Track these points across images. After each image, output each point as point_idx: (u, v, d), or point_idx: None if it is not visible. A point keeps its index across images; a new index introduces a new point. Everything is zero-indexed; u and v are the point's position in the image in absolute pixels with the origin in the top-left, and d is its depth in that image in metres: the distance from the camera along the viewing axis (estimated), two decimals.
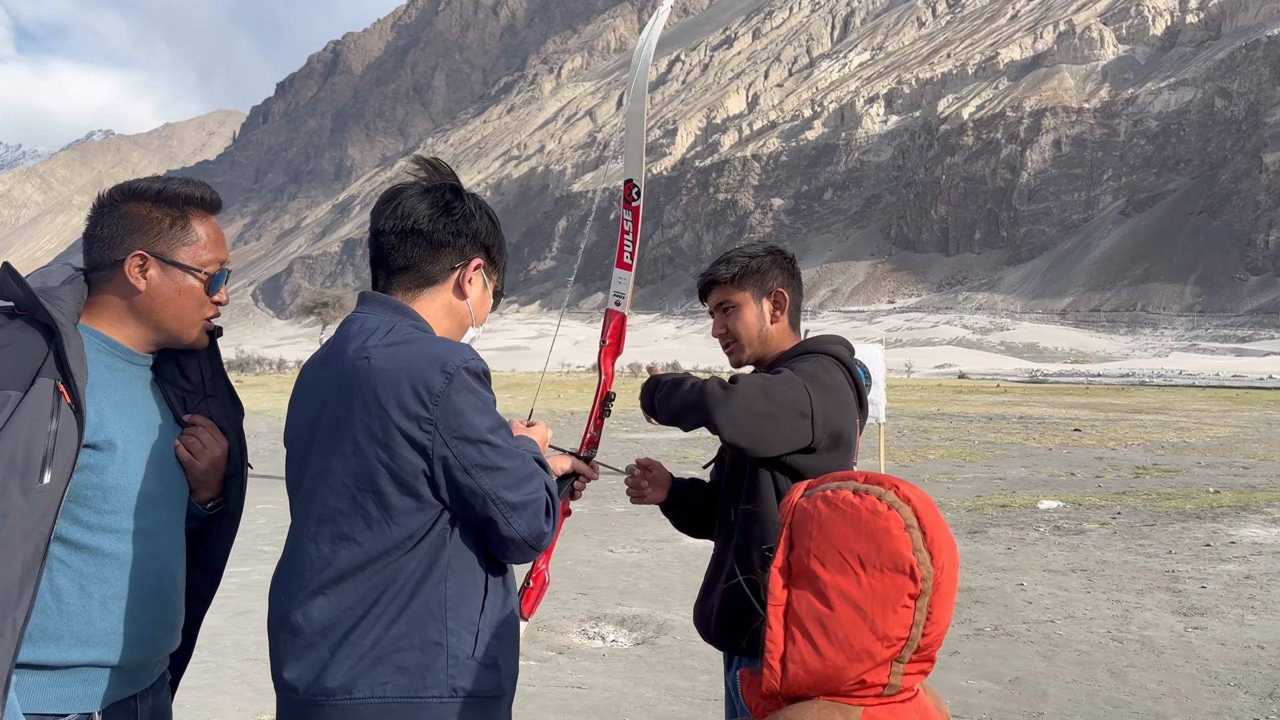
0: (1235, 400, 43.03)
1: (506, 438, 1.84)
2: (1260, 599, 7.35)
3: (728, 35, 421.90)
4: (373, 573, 1.77)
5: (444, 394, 1.76)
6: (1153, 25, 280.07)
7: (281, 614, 1.84)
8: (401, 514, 1.77)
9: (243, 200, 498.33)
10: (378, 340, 1.82)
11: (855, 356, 2.42)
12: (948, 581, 1.30)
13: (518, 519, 1.83)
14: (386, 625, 1.77)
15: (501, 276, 2.12)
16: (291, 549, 1.87)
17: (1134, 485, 13.96)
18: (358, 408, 1.77)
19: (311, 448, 1.85)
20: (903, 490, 1.31)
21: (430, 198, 1.99)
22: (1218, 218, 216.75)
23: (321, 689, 1.77)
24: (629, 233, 2.56)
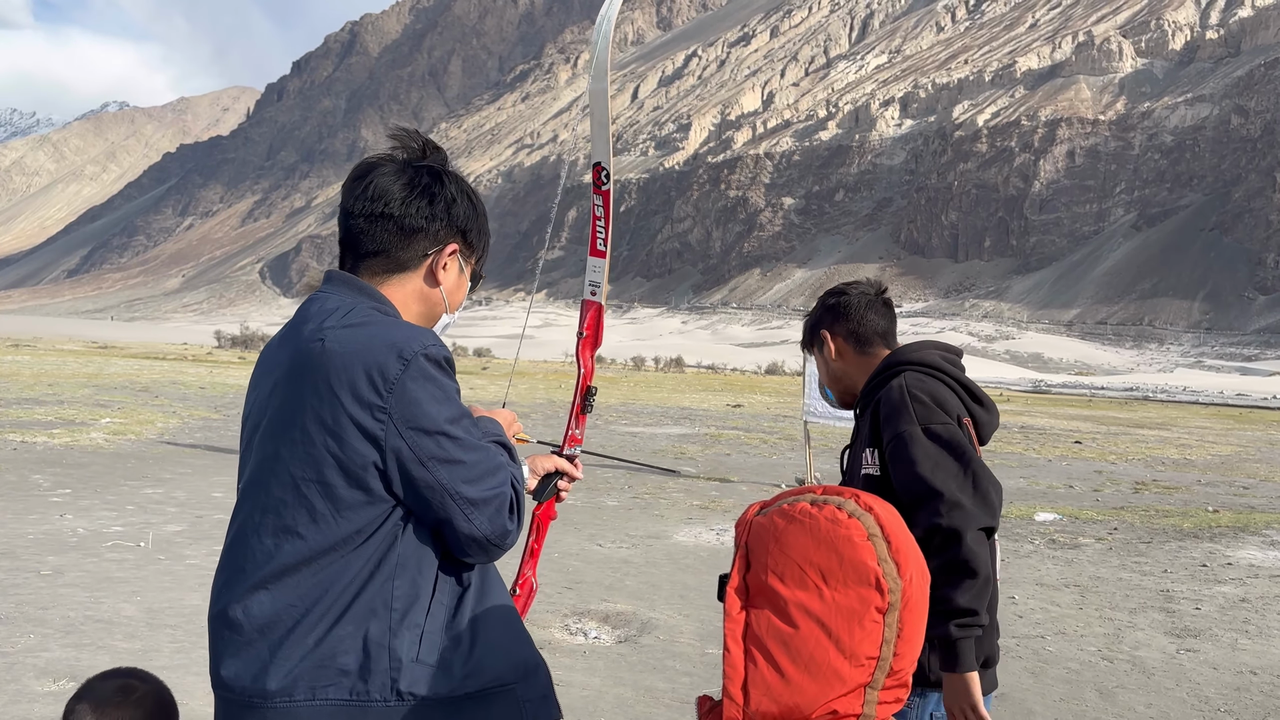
0: (1239, 419, 42.84)
1: (468, 429, 1.77)
2: (1255, 623, 7.24)
3: (746, 32, 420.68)
4: (316, 569, 1.70)
5: (400, 381, 1.68)
6: (1172, 40, 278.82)
7: (220, 608, 1.77)
8: (349, 508, 1.70)
9: (254, 177, 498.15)
10: (335, 321, 1.74)
11: None
12: (918, 595, 1.23)
13: (478, 515, 1.75)
14: (329, 625, 1.69)
15: (481, 259, 2.03)
16: (234, 540, 1.79)
17: (1132, 501, 13.84)
18: (308, 392, 1.70)
19: (259, 434, 1.78)
20: (864, 499, 1.25)
21: (405, 178, 1.89)
22: (1229, 235, 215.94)
23: (260, 690, 1.69)
24: (600, 219, 2.45)
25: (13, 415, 17.57)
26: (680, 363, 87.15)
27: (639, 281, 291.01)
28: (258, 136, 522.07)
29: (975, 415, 2.46)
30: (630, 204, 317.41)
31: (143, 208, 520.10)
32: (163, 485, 11.37)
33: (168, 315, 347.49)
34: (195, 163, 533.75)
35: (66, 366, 34.59)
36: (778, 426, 24.96)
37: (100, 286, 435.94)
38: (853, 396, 2.65)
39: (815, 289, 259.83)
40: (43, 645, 5.49)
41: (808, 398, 14.15)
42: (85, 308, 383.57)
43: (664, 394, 38.85)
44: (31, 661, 5.22)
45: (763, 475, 15.22)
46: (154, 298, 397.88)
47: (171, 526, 9.04)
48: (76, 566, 7.37)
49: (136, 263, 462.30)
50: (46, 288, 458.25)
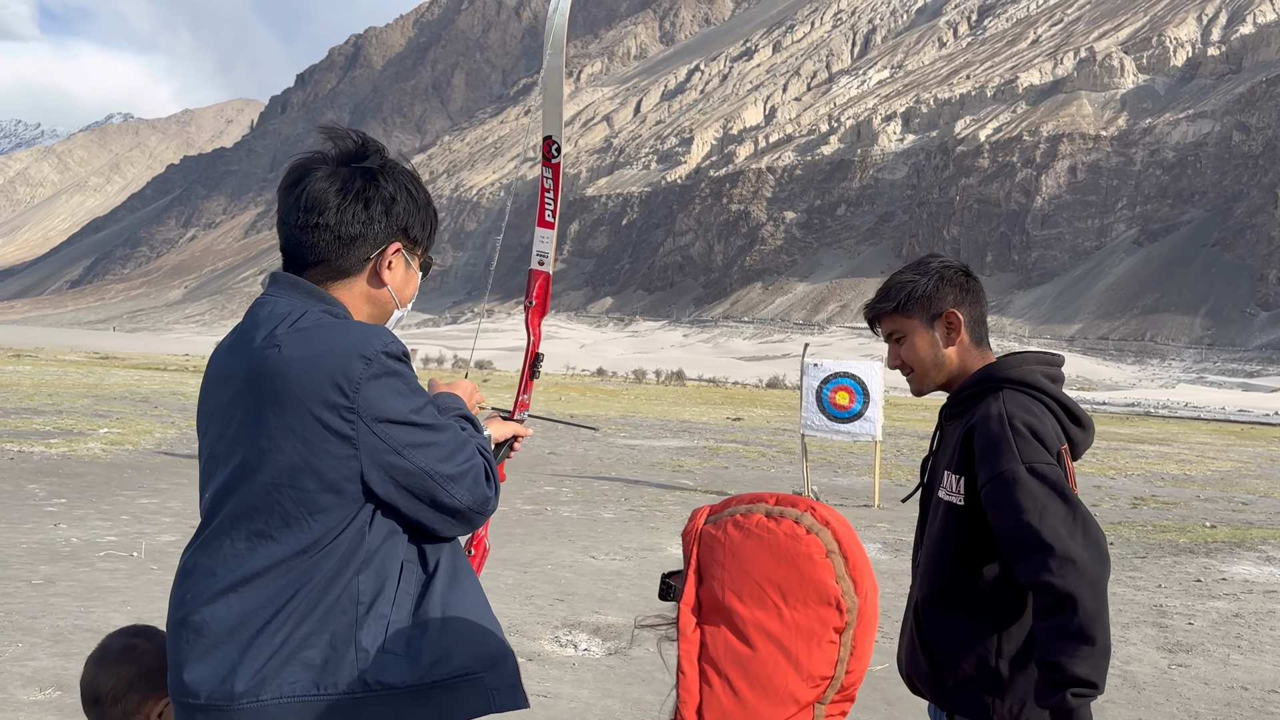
0: (1240, 435, 42.76)
1: (432, 414, 1.80)
2: (1247, 638, 7.22)
3: (748, 47, 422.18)
4: (287, 569, 1.71)
5: (364, 381, 1.70)
6: (1174, 56, 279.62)
7: (184, 614, 1.76)
8: (321, 510, 1.71)
9: (257, 189, 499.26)
10: (287, 327, 1.73)
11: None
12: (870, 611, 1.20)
13: (458, 489, 1.79)
14: (297, 623, 1.70)
15: (427, 247, 2.01)
16: (201, 547, 1.78)
17: (1130, 516, 13.81)
18: (270, 401, 1.70)
19: (222, 442, 1.77)
20: (820, 512, 1.21)
21: (338, 183, 1.86)
22: (1231, 251, 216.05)
23: (228, 692, 1.68)
24: (549, 190, 2.48)
25: (11, 425, 17.59)
26: (681, 376, 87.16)
27: (640, 295, 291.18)
28: (261, 148, 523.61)
29: (1072, 437, 2.30)
30: (632, 217, 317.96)
31: (146, 219, 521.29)
32: (158, 495, 11.37)
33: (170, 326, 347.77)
34: (199, 174, 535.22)
35: (67, 377, 34.64)
36: (777, 440, 24.94)
37: (103, 297, 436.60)
38: (937, 387, 2.44)
39: (817, 303, 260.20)
40: (30, 654, 5.49)
41: (805, 411, 14.15)
42: (88, 318, 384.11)
43: (664, 407, 38.84)
44: (19, 670, 5.22)
45: (760, 488, 15.17)
46: (156, 309, 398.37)
47: (165, 536, 9.04)
48: (68, 576, 7.37)
49: (139, 274, 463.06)
50: (49, 298, 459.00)
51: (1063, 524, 2.06)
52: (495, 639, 1.86)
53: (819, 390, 14.07)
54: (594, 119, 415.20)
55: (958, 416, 2.33)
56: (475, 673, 1.79)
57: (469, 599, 1.84)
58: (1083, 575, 2.02)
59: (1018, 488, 2.10)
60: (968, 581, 2.21)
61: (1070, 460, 2.26)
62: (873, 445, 14.55)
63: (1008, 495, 2.11)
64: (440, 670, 1.75)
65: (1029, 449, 2.14)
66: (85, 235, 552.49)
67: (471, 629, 1.82)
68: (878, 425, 14.05)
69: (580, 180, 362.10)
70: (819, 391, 14.07)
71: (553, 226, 2.52)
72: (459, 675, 1.77)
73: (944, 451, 2.35)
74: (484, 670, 1.80)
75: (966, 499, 2.21)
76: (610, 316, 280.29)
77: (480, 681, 1.80)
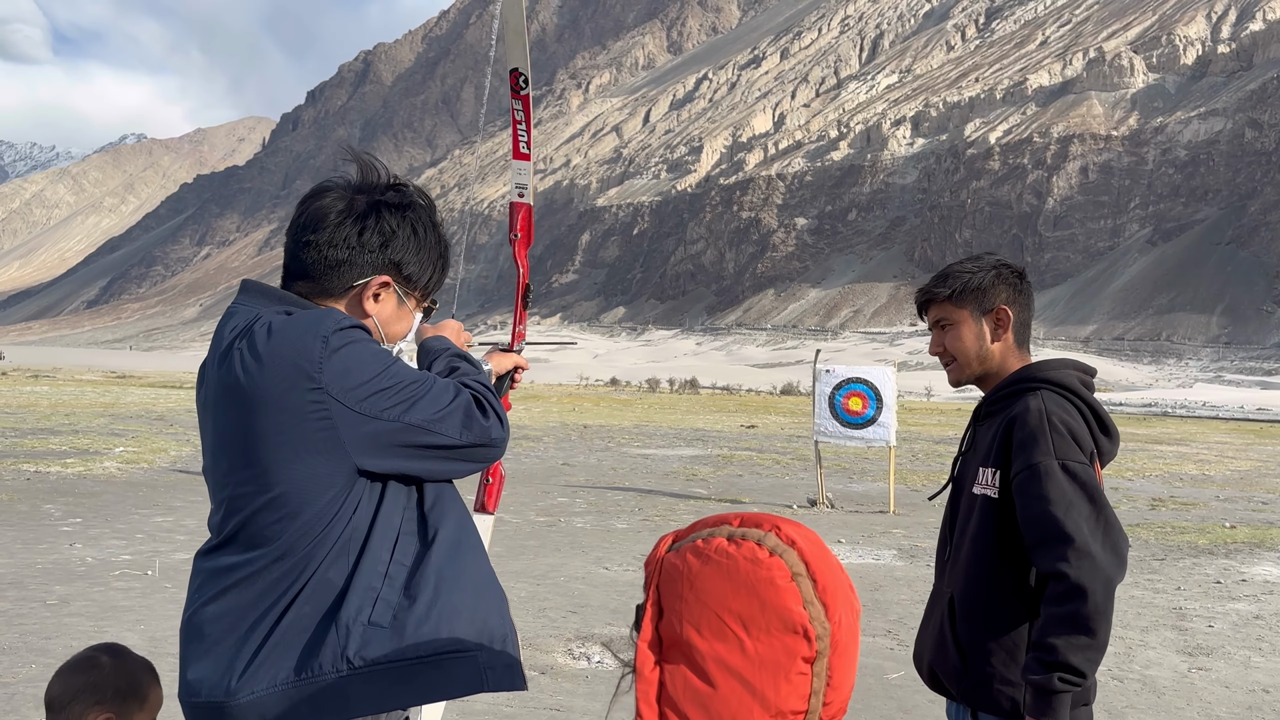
0: (1259, 434, 42.40)
1: (402, 370, 1.80)
2: (1269, 640, 7.13)
3: (756, 55, 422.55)
4: (281, 563, 1.73)
5: (325, 358, 1.71)
6: (1184, 54, 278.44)
7: (188, 616, 1.79)
8: (313, 498, 1.72)
9: (270, 206, 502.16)
10: (243, 337, 1.77)
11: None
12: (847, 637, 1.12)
13: (448, 427, 1.79)
14: (286, 610, 1.72)
15: (428, 293, 2.01)
16: (209, 553, 1.82)
17: (1149, 517, 13.69)
18: (244, 407, 1.73)
19: (219, 456, 1.80)
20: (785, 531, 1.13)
21: (341, 206, 1.90)
22: (1245, 249, 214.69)
23: (225, 688, 1.70)
24: (521, 123, 2.50)
25: (28, 445, 17.69)
26: (695, 384, 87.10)
27: (653, 304, 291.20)
28: (273, 166, 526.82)
29: (1100, 445, 2.33)
30: (643, 226, 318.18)
31: (160, 238, 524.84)
32: (173, 513, 11.41)
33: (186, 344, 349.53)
34: (212, 193, 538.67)
35: (84, 396, 34.85)
36: (791, 447, 24.86)
37: (119, 317, 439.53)
38: (977, 381, 2.47)
39: (829, 309, 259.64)
40: (44, 675, 5.48)
41: (818, 417, 14.10)
42: (104, 338, 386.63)
43: (678, 416, 38.78)
44: (32, 692, 5.22)
45: (774, 496, 15.14)
46: (172, 327, 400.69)
47: (180, 555, 9.05)
48: (83, 596, 7.39)
49: (155, 293, 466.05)
50: (66, 318, 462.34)
51: (1086, 521, 2.11)
52: (495, 614, 1.82)
53: (832, 396, 14.02)
54: (603, 130, 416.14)
55: (994, 415, 2.36)
56: (468, 649, 1.76)
57: (469, 573, 1.81)
58: (1097, 571, 2.06)
59: (1049, 480, 2.15)
60: (1002, 577, 2.24)
61: (1099, 466, 2.31)
62: (887, 451, 14.48)
63: (1038, 486, 2.16)
64: (428, 646, 1.72)
65: (1065, 445, 2.19)
66: (101, 255, 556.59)
67: (467, 603, 1.78)
68: (891, 430, 13.98)
69: (591, 191, 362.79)
70: (832, 398, 14.01)
71: (528, 159, 2.54)
72: (449, 651, 1.74)
73: (978, 449, 2.38)
74: (478, 647, 1.76)
75: (1001, 491, 2.24)
76: (623, 326, 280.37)
77: (473, 659, 1.76)
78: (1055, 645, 2.05)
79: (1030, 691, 2.10)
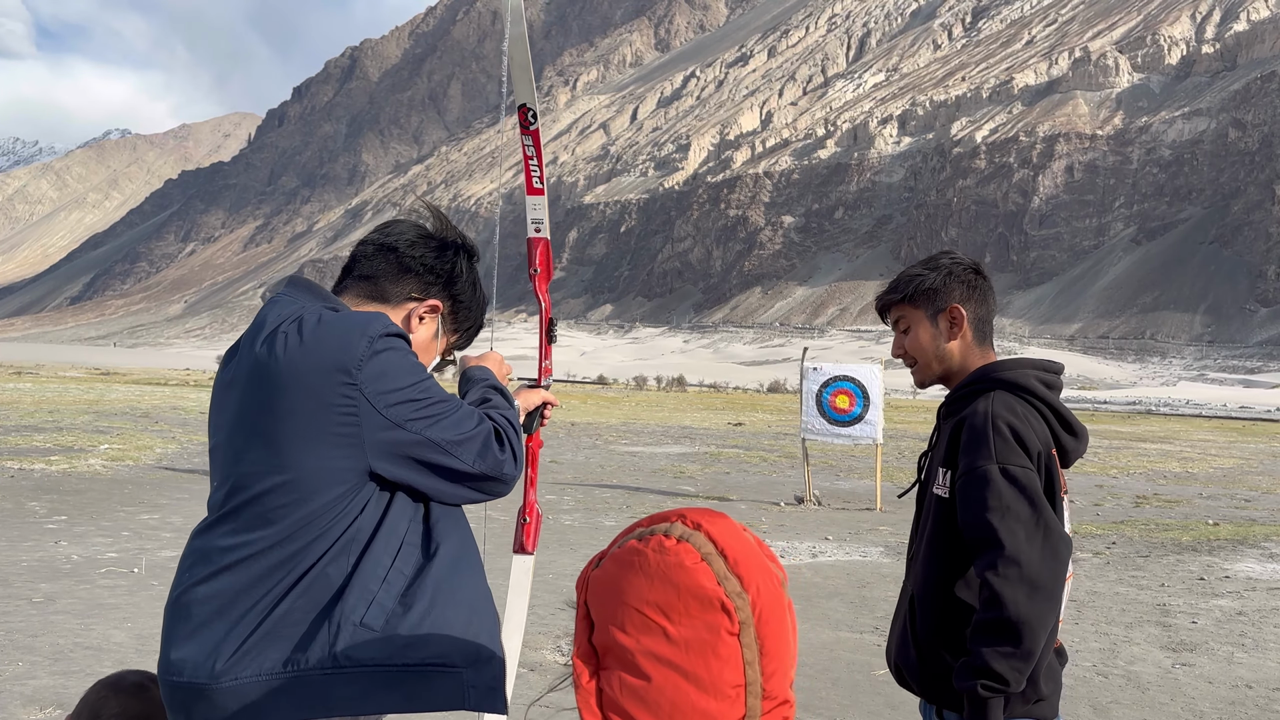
0: (1242, 431, 42.73)
1: (433, 387, 1.83)
2: (1251, 636, 7.20)
3: (743, 53, 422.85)
4: (280, 550, 1.73)
5: (367, 358, 1.74)
6: (1168, 54, 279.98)
7: (177, 594, 1.80)
8: (320, 492, 1.74)
9: (255, 203, 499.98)
10: (290, 323, 1.80)
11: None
12: (771, 604, 1.12)
13: (465, 453, 1.81)
14: (279, 600, 1.72)
15: (460, 337, 2.10)
16: (203, 532, 1.83)
17: (1133, 515, 13.79)
18: (275, 392, 1.76)
19: (230, 435, 1.82)
20: (691, 518, 1.15)
21: (424, 233, 2.01)
22: (1229, 248, 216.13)
23: (208, 670, 1.70)
24: (532, 158, 2.55)
25: (11, 442, 17.57)
26: (682, 382, 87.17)
27: (640, 301, 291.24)
28: (259, 162, 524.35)
29: (1063, 443, 2.34)
30: (630, 224, 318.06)
31: (145, 234, 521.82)
32: (159, 511, 11.36)
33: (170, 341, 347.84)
34: (197, 189, 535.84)
35: (68, 393, 34.63)
36: (778, 444, 24.92)
37: (103, 313, 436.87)
38: (942, 381, 2.50)
39: (816, 307, 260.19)
40: (31, 673, 5.47)
41: (805, 415, 14.14)
42: (88, 334, 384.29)
43: (665, 413, 38.82)
44: (19, 690, 5.20)
45: (762, 494, 15.18)
46: (156, 323, 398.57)
47: (166, 552, 9.02)
48: (69, 593, 7.35)
49: (139, 289, 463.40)
50: (50, 315, 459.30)
51: (1023, 526, 2.11)
52: (485, 635, 1.83)
53: (819, 394, 14.06)
54: (590, 127, 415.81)
55: (953, 414, 2.39)
56: (454, 665, 1.76)
57: (466, 590, 1.82)
58: (1023, 579, 2.07)
59: (987, 485, 2.16)
60: (956, 576, 2.26)
61: (1060, 465, 2.31)
62: (873, 448, 14.53)
63: (976, 491, 2.17)
64: (414, 654, 1.73)
65: (1006, 449, 2.19)
66: (84, 251, 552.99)
67: (460, 620, 1.79)
68: (878, 428, 14.03)
69: (578, 188, 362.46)
70: (819, 395, 14.05)
71: (542, 193, 2.59)
72: (434, 664, 1.75)
73: (938, 449, 2.41)
74: (464, 665, 1.77)
75: (951, 492, 2.27)
76: (610, 323, 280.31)
77: (457, 676, 1.77)
78: (980, 652, 2.08)
79: (965, 698, 2.13)
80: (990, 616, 2.08)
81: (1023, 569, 2.08)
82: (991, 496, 2.15)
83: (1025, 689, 2.15)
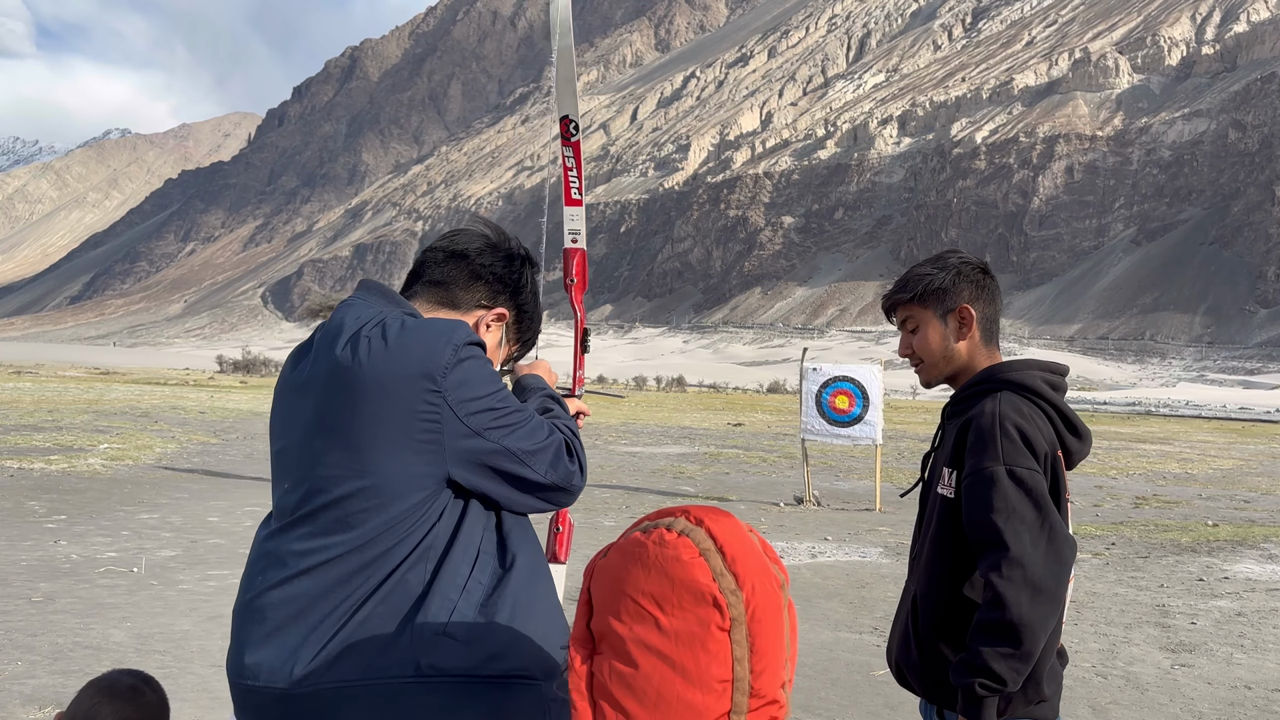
0: (1241, 432, 42.74)
1: (509, 397, 1.86)
2: (1250, 637, 7.20)
3: (743, 53, 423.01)
4: (359, 555, 1.73)
5: (451, 367, 1.76)
6: (1168, 55, 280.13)
7: (251, 597, 1.80)
8: (401, 497, 1.74)
9: (255, 202, 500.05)
10: (372, 327, 1.81)
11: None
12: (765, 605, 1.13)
13: (538, 463, 1.83)
14: (360, 607, 1.72)
15: (517, 348, 2.14)
16: (278, 534, 1.83)
17: (1132, 516, 13.79)
18: (358, 396, 1.75)
19: (313, 436, 1.81)
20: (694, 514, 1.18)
21: (491, 242, 2.05)
22: (1229, 249, 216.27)
23: (286, 675, 1.70)
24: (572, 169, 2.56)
25: (11, 442, 17.57)
26: (682, 382, 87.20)
27: (640, 301, 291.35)
28: (259, 162, 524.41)
29: (1068, 445, 2.35)
30: (630, 224, 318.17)
31: (145, 234, 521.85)
32: (158, 510, 11.36)
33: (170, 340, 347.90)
34: (197, 188, 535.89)
35: (67, 393, 34.63)
36: (778, 445, 24.92)
37: (103, 313, 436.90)
38: (949, 381, 2.49)
39: (816, 307, 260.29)
40: (30, 672, 5.47)
41: (805, 415, 14.14)
42: (88, 334, 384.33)
43: (665, 414, 38.83)
44: (18, 689, 5.20)
45: (761, 494, 15.18)
46: (156, 323, 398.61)
47: (165, 552, 9.02)
48: (68, 593, 7.35)
49: (139, 289, 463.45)
50: (49, 314, 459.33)
51: (1028, 529, 2.12)
52: (558, 649, 1.81)
53: (818, 395, 14.06)
54: (590, 127, 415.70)
55: (958, 414, 2.38)
56: (535, 678, 1.76)
57: (542, 603, 1.83)
58: (1027, 582, 2.08)
59: (993, 486, 2.16)
60: (960, 578, 2.26)
61: (1064, 467, 2.32)
62: (873, 449, 14.53)
63: (983, 491, 2.18)
64: (498, 665, 1.73)
65: (1013, 451, 2.19)
66: (84, 251, 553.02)
67: (540, 632, 1.80)
68: (878, 429, 14.03)
69: None
70: (818, 396, 14.05)
71: (581, 204, 2.61)
72: (516, 676, 1.75)
73: (943, 448, 2.40)
74: (544, 678, 1.77)
75: (956, 492, 2.27)
76: (610, 324, 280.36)
77: (538, 689, 1.76)
78: (980, 651, 2.09)
79: (960, 694, 2.14)
80: (993, 617, 2.08)
81: (1027, 571, 2.09)
82: (997, 498, 2.15)
83: (1028, 689, 2.18)
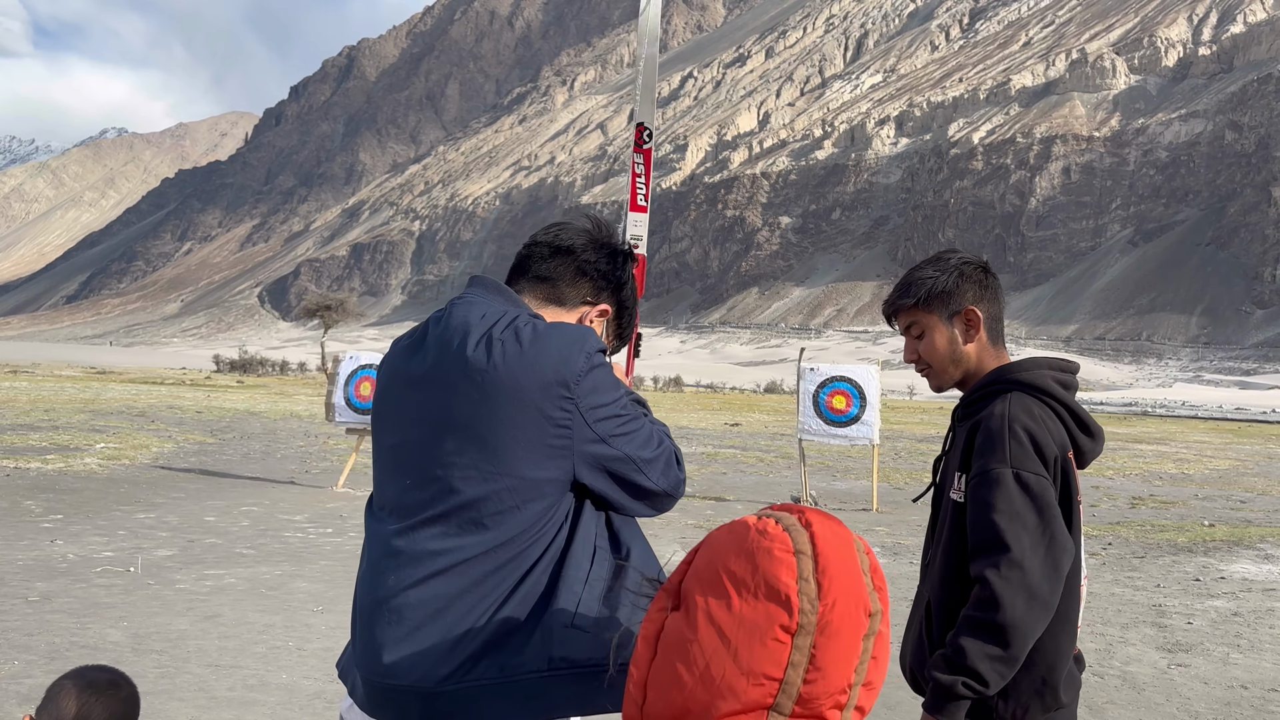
0: (1237, 433, 42.81)
1: (630, 405, 1.90)
2: (1247, 637, 7.21)
3: (741, 53, 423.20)
4: (493, 556, 1.77)
5: (584, 374, 1.80)
6: (1165, 56, 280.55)
7: (385, 595, 1.82)
8: (533, 499, 1.78)
9: (252, 202, 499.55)
10: (503, 328, 1.83)
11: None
12: (843, 625, 1.12)
13: (654, 471, 1.87)
14: (497, 607, 1.76)
15: (617, 343, 2.15)
16: (408, 533, 1.84)
17: (1129, 516, 13.81)
18: (493, 397, 1.78)
19: (442, 434, 1.83)
20: (808, 516, 1.17)
21: (595, 238, 2.06)
22: (1225, 250, 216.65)
23: (428, 675, 1.74)
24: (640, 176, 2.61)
25: (7, 441, 17.54)
26: (679, 382, 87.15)
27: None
28: (256, 161, 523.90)
29: (1080, 444, 2.32)
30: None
31: (141, 233, 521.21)
32: (155, 510, 11.34)
33: (167, 340, 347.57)
34: (194, 188, 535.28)
35: (64, 392, 34.58)
36: (775, 445, 24.93)
37: (99, 312, 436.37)
38: (958, 385, 2.43)
39: (813, 307, 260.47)
40: (27, 672, 5.47)
41: (802, 415, 14.14)
42: (84, 333, 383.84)
43: (662, 413, 38.84)
44: (15, 689, 5.19)
45: (758, 494, 15.18)
46: (153, 323, 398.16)
47: (162, 551, 9.01)
48: (65, 592, 7.34)
49: (135, 288, 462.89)
50: (45, 314, 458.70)
51: (1028, 534, 2.10)
52: None
53: (816, 395, 14.06)
54: (588, 127, 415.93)
55: (969, 416, 2.34)
56: None
57: (621, 585, 1.87)
58: (1024, 584, 2.06)
59: (999, 488, 2.14)
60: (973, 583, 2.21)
61: (1075, 467, 2.28)
62: (870, 449, 14.54)
63: (988, 492, 2.15)
64: (624, 654, 1.70)
65: (1021, 454, 2.16)
66: (81, 250, 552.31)
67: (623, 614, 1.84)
68: (875, 429, 14.04)
69: (575, 188, 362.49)
70: (816, 396, 14.06)
71: (645, 210, 2.64)
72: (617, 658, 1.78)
73: (954, 452, 2.36)
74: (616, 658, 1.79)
75: (966, 496, 2.24)
76: None
77: None
78: (965, 649, 2.07)
79: (931, 687, 2.10)
80: (985, 616, 2.06)
81: (1025, 575, 2.07)
82: (1001, 499, 2.13)
83: (1045, 696, 2.16)
